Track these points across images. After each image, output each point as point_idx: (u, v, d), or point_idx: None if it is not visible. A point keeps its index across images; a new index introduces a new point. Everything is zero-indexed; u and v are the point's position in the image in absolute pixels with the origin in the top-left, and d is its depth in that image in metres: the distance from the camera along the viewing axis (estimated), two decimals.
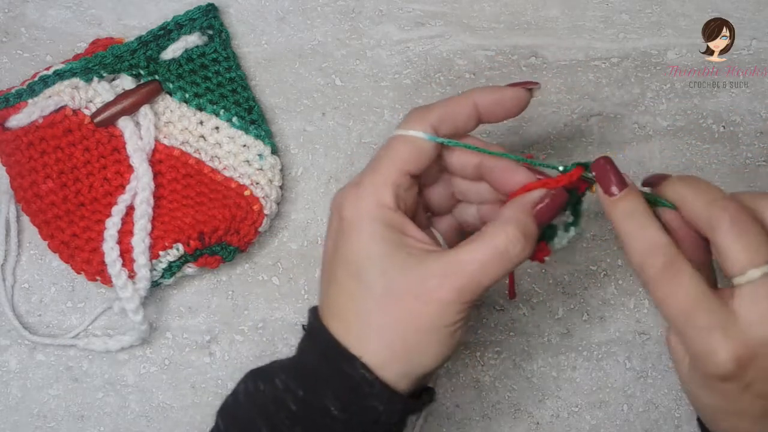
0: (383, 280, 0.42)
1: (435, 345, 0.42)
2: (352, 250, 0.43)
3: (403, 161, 0.44)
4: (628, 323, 0.57)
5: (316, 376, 0.43)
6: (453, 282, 0.41)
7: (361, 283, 0.42)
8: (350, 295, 0.43)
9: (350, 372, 0.42)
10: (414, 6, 0.60)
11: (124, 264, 0.53)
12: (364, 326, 0.42)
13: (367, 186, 0.43)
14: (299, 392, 0.42)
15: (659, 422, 0.56)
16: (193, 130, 0.56)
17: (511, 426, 0.56)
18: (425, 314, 0.42)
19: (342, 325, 0.43)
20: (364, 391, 0.41)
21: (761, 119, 0.59)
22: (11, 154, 0.54)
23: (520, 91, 0.46)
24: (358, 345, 0.42)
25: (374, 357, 0.42)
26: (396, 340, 0.42)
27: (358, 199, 0.43)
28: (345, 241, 0.43)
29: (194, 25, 0.57)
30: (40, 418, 0.55)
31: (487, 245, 0.42)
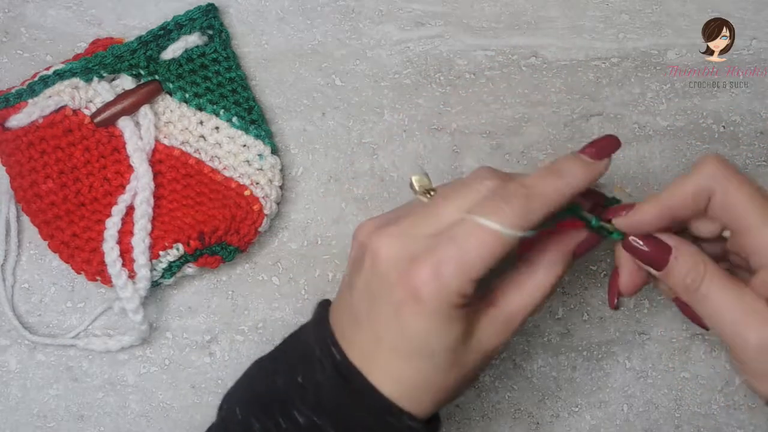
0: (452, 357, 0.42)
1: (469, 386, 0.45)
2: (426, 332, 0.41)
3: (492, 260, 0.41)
4: (628, 323, 0.57)
5: (355, 422, 0.42)
6: (506, 337, 0.44)
7: (427, 362, 0.42)
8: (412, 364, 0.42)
9: (396, 424, 0.42)
10: (414, 6, 0.60)
11: (124, 264, 0.53)
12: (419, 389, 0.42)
13: (453, 279, 0.40)
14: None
15: (659, 422, 0.56)
16: (193, 130, 0.56)
17: (511, 426, 0.56)
18: (481, 367, 0.44)
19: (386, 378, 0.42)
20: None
21: (761, 119, 0.59)
22: (11, 154, 0.55)
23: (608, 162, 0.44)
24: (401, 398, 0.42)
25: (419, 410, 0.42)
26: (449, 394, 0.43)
27: (443, 288, 0.40)
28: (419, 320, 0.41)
29: (194, 25, 0.57)
30: (40, 418, 0.55)
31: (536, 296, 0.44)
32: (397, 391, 0.42)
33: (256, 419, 0.43)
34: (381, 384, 0.42)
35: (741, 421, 0.56)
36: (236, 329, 0.56)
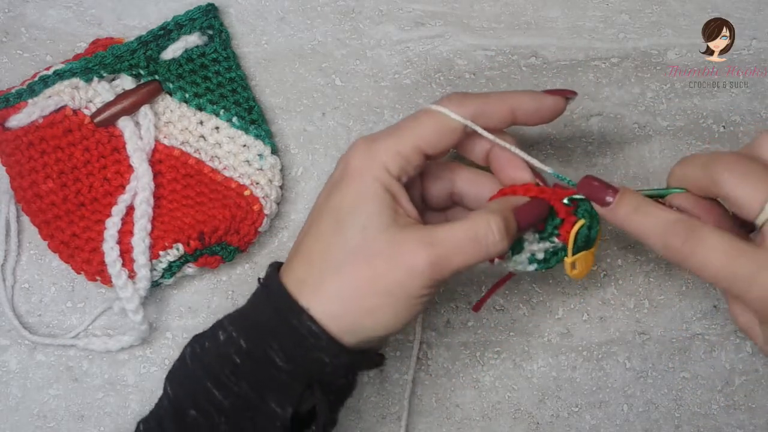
0: (361, 235, 0.43)
1: (389, 312, 0.43)
2: (343, 199, 0.44)
3: (424, 138, 0.45)
4: (628, 323, 0.57)
5: (263, 328, 0.43)
6: (427, 252, 0.42)
7: (339, 232, 0.43)
8: (324, 243, 0.44)
9: (296, 324, 0.42)
10: (414, 6, 0.60)
11: (124, 264, 0.53)
12: (324, 276, 0.43)
13: (381, 146, 0.44)
14: (242, 344, 0.43)
15: (659, 422, 0.56)
16: (193, 130, 0.56)
17: (511, 426, 0.56)
18: (390, 278, 0.42)
19: (301, 274, 0.44)
20: (309, 343, 0.42)
21: (761, 119, 0.59)
22: (11, 154, 0.55)
23: (558, 100, 0.47)
24: (310, 295, 0.43)
25: (325, 309, 0.42)
26: (353, 297, 0.42)
27: (367, 155, 0.44)
28: (339, 189, 0.44)
29: (194, 25, 0.57)
30: (40, 418, 0.55)
31: (468, 228, 0.43)
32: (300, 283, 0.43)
33: (189, 346, 0.45)
34: (289, 281, 0.43)
35: (741, 421, 0.56)
36: None
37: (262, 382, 0.42)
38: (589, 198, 0.45)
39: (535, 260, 0.47)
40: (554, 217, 0.46)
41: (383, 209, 0.43)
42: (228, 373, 0.43)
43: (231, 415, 0.42)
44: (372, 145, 0.45)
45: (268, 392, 0.42)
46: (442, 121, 0.45)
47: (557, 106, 0.47)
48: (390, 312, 0.43)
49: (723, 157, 0.42)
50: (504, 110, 0.46)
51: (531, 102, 0.46)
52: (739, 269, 0.40)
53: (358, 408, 0.56)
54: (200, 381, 0.43)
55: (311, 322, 0.42)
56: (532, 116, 0.47)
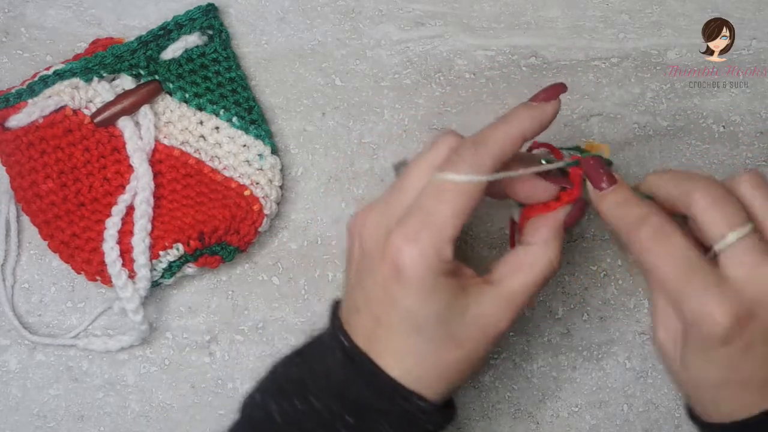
0: (445, 329, 0.42)
1: (478, 367, 0.45)
2: (414, 304, 0.42)
3: (462, 213, 0.42)
4: (628, 323, 0.57)
5: (367, 406, 0.43)
6: (510, 315, 0.43)
7: (423, 333, 0.42)
8: (410, 342, 0.42)
9: (407, 406, 0.42)
10: (414, 6, 0.60)
11: (124, 264, 0.53)
12: (423, 367, 0.43)
13: (427, 243, 0.41)
14: (349, 419, 0.42)
15: (659, 422, 0.56)
16: (193, 130, 0.56)
17: (511, 426, 0.56)
18: (482, 347, 0.43)
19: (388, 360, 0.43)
20: (419, 419, 0.43)
21: (761, 119, 0.59)
22: (11, 154, 0.55)
23: (556, 104, 0.46)
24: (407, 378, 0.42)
25: (427, 388, 0.43)
26: (452, 374, 0.43)
27: (420, 255, 0.41)
28: (405, 294, 0.42)
29: (194, 25, 0.57)
30: (40, 418, 0.55)
31: (535, 274, 0.44)
32: (401, 370, 0.42)
33: (273, 401, 0.44)
34: (386, 365, 0.43)
35: None
36: (236, 329, 0.56)
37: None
38: (587, 176, 0.46)
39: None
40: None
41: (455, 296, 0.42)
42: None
43: None
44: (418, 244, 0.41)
45: None
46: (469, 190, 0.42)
47: (556, 110, 0.46)
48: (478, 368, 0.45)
49: (700, 180, 0.43)
50: (516, 144, 0.44)
51: (535, 121, 0.45)
52: (691, 282, 0.41)
53: None
54: None
55: (422, 401, 0.42)
56: (538, 131, 0.46)
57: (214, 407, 0.55)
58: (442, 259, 0.41)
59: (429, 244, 0.41)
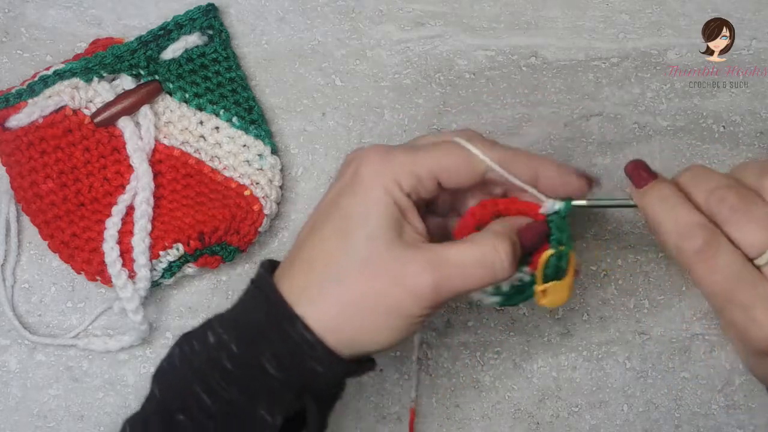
0: (368, 249, 0.42)
1: (388, 331, 0.42)
2: (353, 208, 0.42)
3: (442, 166, 0.43)
4: (628, 323, 0.57)
5: (255, 333, 0.42)
6: (433, 275, 0.41)
7: (344, 240, 0.42)
8: (327, 250, 0.42)
9: (291, 332, 0.41)
10: (414, 6, 0.60)
11: (124, 264, 0.53)
12: (324, 285, 0.42)
13: (396, 160, 0.43)
14: (234, 349, 0.42)
15: (659, 422, 0.56)
16: (193, 130, 0.56)
17: (511, 426, 0.56)
18: (393, 298, 0.41)
19: (299, 281, 0.42)
20: (304, 352, 0.41)
21: (761, 119, 0.59)
22: (11, 154, 0.55)
23: (583, 185, 0.46)
24: (308, 303, 0.42)
25: (322, 320, 0.41)
26: (353, 312, 0.42)
27: (381, 165, 0.43)
28: (348, 195, 0.43)
29: (194, 25, 0.57)
30: (40, 418, 0.55)
31: (477, 251, 0.43)
32: (299, 290, 0.42)
33: (177, 347, 0.44)
34: (287, 287, 0.42)
35: (741, 421, 0.56)
36: None
37: (253, 389, 0.42)
38: (629, 176, 0.45)
39: (500, 293, 0.46)
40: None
41: (391, 223, 0.42)
42: (218, 378, 0.42)
43: (220, 421, 0.42)
44: (387, 156, 0.43)
45: (258, 399, 0.42)
46: (465, 157, 0.44)
47: (580, 190, 0.46)
48: (388, 331, 0.42)
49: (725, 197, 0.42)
50: (529, 172, 0.45)
51: (557, 177, 0.45)
52: (738, 296, 0.41)
53: (358, 408, 0.56)
54: (189, 385, 0.42)
55: (307, 332, 0.41)
56: (552, 190, 0.45)
57: None
58: (399, 183, 0.42)
59: (398, 162, 0.42)
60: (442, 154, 0.44)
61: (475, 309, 0.57)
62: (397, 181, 0.42)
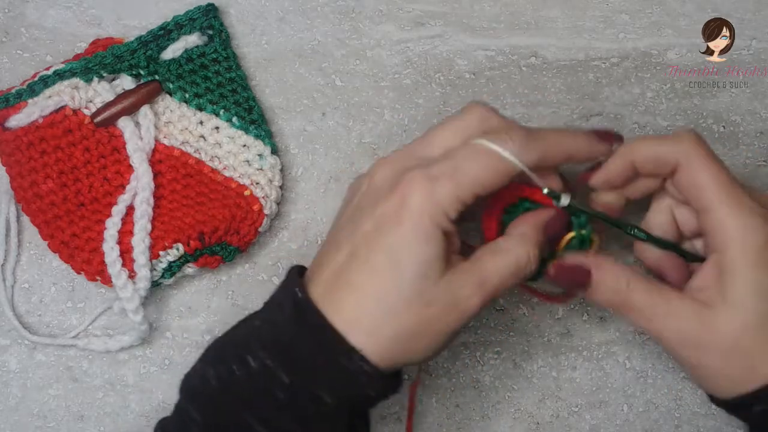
0: (421, 283, 0.41)
1: (437, 347, 0.43)
2: (403, 240, 0.41)
3: (485, 185, 0.43)
4: (628, 323, 0.57)
5: (308, 364, 0.41)
6: (482, 296, 0.42)
7: (396, 275, 0.41)
8: (379, 284, 0.41)
9: (347, 365, 0.41)
10: (414, 6, 0.60)
11: (124, 264, 0.53)
12: (378, 318, 0.41)
13: (444, 191, 0.41)
14: (285, 379, 0.41)
15: (659, 422, 0.56)
16: (193, 130, 0.56)
17: (511, 426, 0.56)
18: (444, 322, 0.42)
19: (349, 311, 0.41)
20: (361, 382, 0.41)
21: (761, 119, 0.59)
22: (11, 154, 0.55)
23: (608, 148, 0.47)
24: (362, 335, 0.41)
25: (377, 351, 0.41)
26: (407, 339, 0.42)
27: (429, 198, 0.41)
28: (398, 227, 0.41)
29: (194, 25, 0.57)
30: (40, 418, 0.55)
31: (513, 262, 0.43)
32: (351, 319, 0.41)
33: (211, 367, 0.43)
34: (337, 313, 0.41)
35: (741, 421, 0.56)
36: None
37: (307, 417, 0.41)
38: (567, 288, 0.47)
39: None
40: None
41: (440, 253, 0.42)
42: (271, 408, 0.41)
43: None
44: (434, 187, 0.41)
45: (313, 427, 0.42)
46: (503, 166, 0.43)
47: (606, 154, 0.47)
48: (437, 347, 0.43)
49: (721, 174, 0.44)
50: (562, 155, 0.45)
51: (587, 149, 0.46)
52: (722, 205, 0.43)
53: None
54: (238, 413, 0.42)
55: (365, 363, 0.41)
56: (582, 160, 0.46)
57: None
58: (447, 214, 0.42)
59: (445, 192, 0.41)
60: (481, 169, 0.42)
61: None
62: (445, 213, 0.42)
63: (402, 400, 0.55)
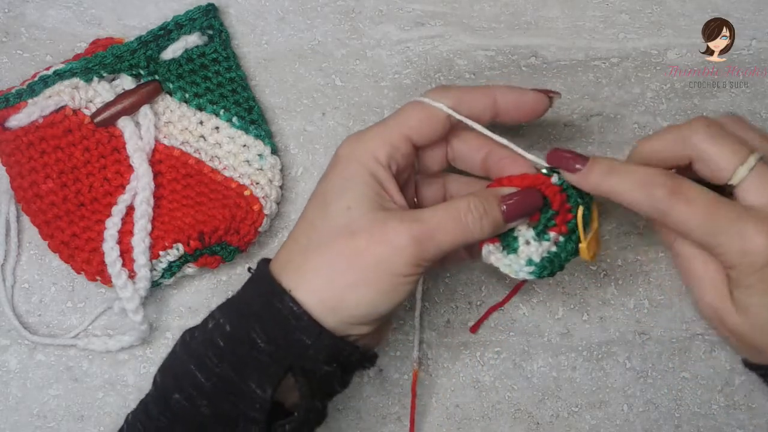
0: (345, 215, 0.43)
1: (372, 288, 0.43)
2: (330, 182, 0.45)
3: (411, 127, 0.46)
4: (628, 323, 0.57)
5: (247, 312, 0.44)
6: (411, 230, 0.42)
7: (324, 213, 0.44)
8: (308, 225, 0.45)
9: (279, 306, 0.42)
10: (414, 6, 0.60)
11: (124, 264, 0.53)
12: (307, 255, 0.43)
13: (369, 136, 0.46)
14: (227, 328, 0.44)
15: (659, 422, 0.56)
16: (193, 130, 0.56)
17: (511, 426, 0.56)
18: (372, 253, 0.42)
19: (285, 256, 0.45)
20: (291, 324, 0.42)
21: (761, 119, 0.59)
22: (11, 154, 0.55)
23: (540, 96, 0.48)
24: (294, 276, 0.43)
25: (308, 288, 0.43)
26: (334, 273, 0.42)
27: (356, 144, 0.46)
28: (326, 175, 0.45)
29: (194, 25, 0.57)
30: (40, 418, 0.55)
31: (448, 207, 0.44)
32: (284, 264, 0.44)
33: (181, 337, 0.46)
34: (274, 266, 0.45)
35: (741, 421, 0.56)
36: None
37: (243, 364, 0.43)
38: (558, 167, 0.46)
39: (532, 263, 0.46)
40: (548, 210, 0.46)
41: (369, 193, 0.44)
42: (211, 355, 0.43)
43: (212, 397, 0.43)
44: (360, 134, 0.46)
45: (248, 374, 0.42)
46: (426, 111, 0.46)
47: (539, 103, 0.47)
48: (372, 288, 0.43)
49: (695, 123, 0.44)
50: (485, 101, 0.47)
51: (512, 95, 0.47)
52: (722, 219, 0.42)
53: (358, 408, 0.56)
54: (185, 365, 0.44)
55: (293, 303, 0.42)
56: (514, 111, 0.47)
57: None
58: (373, 153, 0.44)
59: (371, 137, 0.46)
60: (406, 115, 0.46)
61: (475, 308, 0.57)
62: (372, 155, 0.45)
63: (402, 400, 0.56)
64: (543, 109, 0.48)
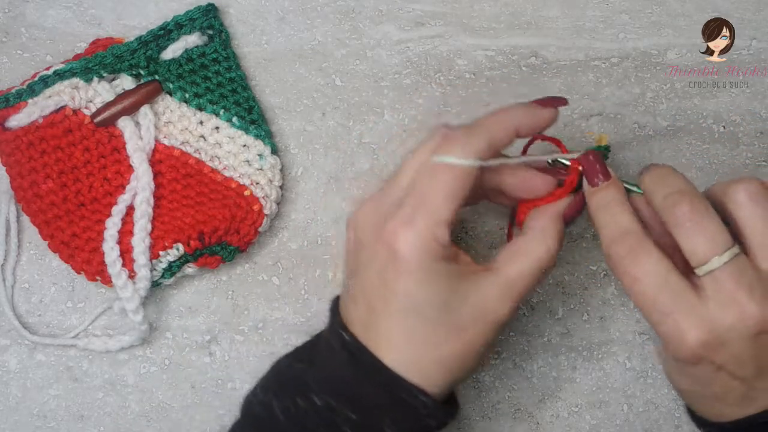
0: (443, 315, 0.42)
1: (480, 359, 0.44)
2: (412, 289, 0.42)
3: (456, 196, 0.43)
4: (628, 323, 0.57)
5: (369, 401, 0.42)
6: (510, 303, 0.43)
7: (421, 319, 0.42)
8: (408, 329, 0.42)
9: (410, 400, 0.42)
10: (414, 6, 0.60)
11: (124, 264, 0.53)
12: (423, 356, 0.42)
13: (423, 225, 0.42)
14: (352, 416, 0.42)
15: (659, 422, 0.56)
16: (193, 130, 0.56)
17: (511, 426, 0.56)
18: (484, 336, 0.43)
19: (401, 353, 0.42)
20: (421, 414, 0.42)
21: (761, 119, 0.59)
22: (11, 154, 0.55)
23: (553, 112, 0.47)
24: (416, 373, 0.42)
25: (429, 382, 0.42)
26: (456, 366, 0.43)
27: (416, 238, 0.41)
28: (402, 278, 0.42)
29: (194, 25, 0.57)
30: (40, 418, 0.55)
31: (532, 261, 0.44)
32: (399, 362, 0.42)
33: (276, 399, 0.44)
34: (385, 355, 0.42)
35: None
36: (236, 329, 0.56)
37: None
38: (584, 171, 0.46)
39: None
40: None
41: (454, 281, 0.42)
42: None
43: None
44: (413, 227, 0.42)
45: None
46: (461, 172, 0.43)
47: (552, 118, 0.47)
48: (480, 361, 0.44)
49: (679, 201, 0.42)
50: (510, 133, 0.45)
51: (530, 119, 0.46)
52: (660, 304, 0.41)
53: None
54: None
55: (425, 397, 0.42)
56: (531, 131, 0.46)
57: (214, 407, 0.55)
58: (438, 242, 0.42)
59: (424, 226, 0.41)
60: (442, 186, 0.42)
61: None
62: (436, 241, 0.42)
63: None
64: (554, 120, 0.47)
